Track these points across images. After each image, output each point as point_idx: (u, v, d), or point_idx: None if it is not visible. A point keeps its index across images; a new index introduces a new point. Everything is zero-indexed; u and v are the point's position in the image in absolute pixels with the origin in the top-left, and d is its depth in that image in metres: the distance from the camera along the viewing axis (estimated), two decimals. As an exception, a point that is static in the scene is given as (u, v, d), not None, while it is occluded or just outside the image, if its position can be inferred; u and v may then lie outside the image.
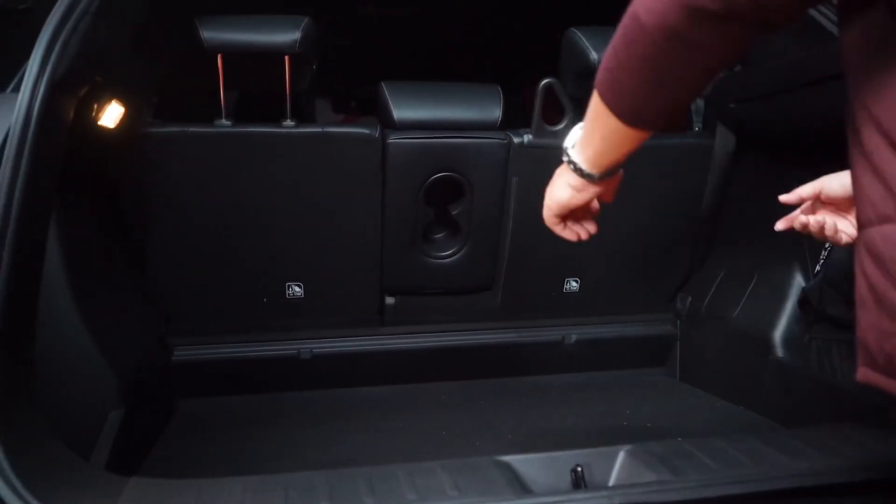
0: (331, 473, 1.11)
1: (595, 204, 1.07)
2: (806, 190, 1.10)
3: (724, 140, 2.02)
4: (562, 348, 2.10)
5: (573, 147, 0.97)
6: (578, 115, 2.00)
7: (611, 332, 2.14)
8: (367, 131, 1.91)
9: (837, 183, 1.07)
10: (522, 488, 1.09)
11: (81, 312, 1.45)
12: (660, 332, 2.16)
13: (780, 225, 1.14)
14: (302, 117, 1.91)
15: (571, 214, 1.07)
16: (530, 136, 1.93)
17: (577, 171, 0.97)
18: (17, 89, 1.21)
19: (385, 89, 1.95)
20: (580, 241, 1.13)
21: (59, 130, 1.24)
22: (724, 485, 1.05)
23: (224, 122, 1.86)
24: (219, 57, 1.81)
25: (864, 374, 0.75)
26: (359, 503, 1.03)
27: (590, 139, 0.92)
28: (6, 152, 1.12)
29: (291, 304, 2.00)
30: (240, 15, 1.83)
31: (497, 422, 1.80)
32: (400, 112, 1.90)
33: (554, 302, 2.11)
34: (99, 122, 1.51)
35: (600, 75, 0.82)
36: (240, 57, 1.82)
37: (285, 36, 1.78)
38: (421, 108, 1.92)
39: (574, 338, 2.11)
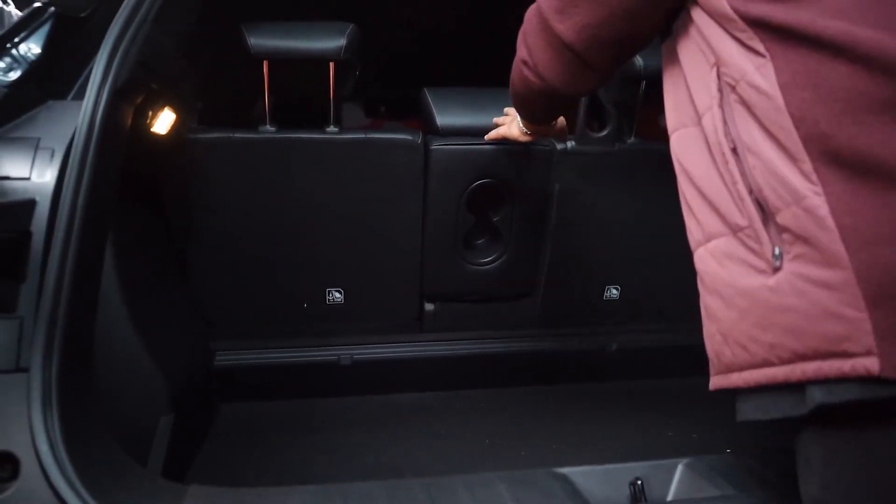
0: (389, 484, 1.11)
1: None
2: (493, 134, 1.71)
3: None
4: (602, 356, 2.09)
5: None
6: (622, 120, 1.98)
7: (652, 341, 2.12)
8: (410, 137, 1.91)
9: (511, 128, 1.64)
10: (582, 501, 1.09)
11: (132, 318, 1.46)
12: (702, 340, 2.13)
13: None
14: (333, 121, 1.92)
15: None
16: (573, 143, 1.92)
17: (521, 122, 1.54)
18: (77, 97, 1.22)
19: (428, 95, 1.95)
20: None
21: (119, 138, 1.25)
22: (792, 501, 1.04)
23: (268, 127, 1.87)
24: (265, 63, 1.82)
25: (712, 382, 0.92)
26: (421, 514, 1.03)
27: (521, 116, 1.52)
28: (71, 160, 1.12)
29: (331, 309, 2.00)
30: (284, 21, 1.84)
31: (539, 430, 1.79)
32: (443, 118, 1.90)
33: (594, 310, 2.10)
34: (152, 129, 1.53)
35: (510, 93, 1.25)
36: (283, 63, 1.83)
37: (331, 42, 1.78)
38: (464, 114, 1.92)
39: (615, 346, 2.09)
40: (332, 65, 1.84)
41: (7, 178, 1.10)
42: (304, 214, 1.91)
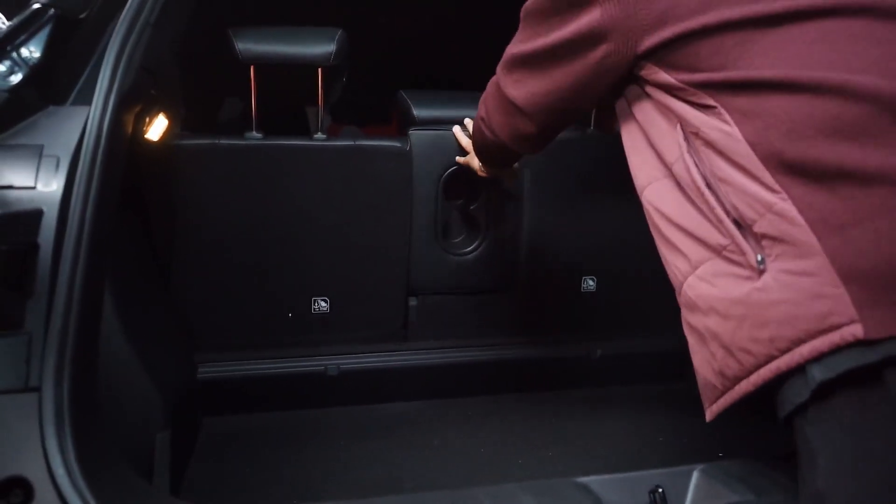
0: (416, 498, 1.09)
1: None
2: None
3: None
4: (587, 363, 2.11)
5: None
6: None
7: (633, 347, 2.15)
8: (398, 145, 1.90)
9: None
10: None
11: (125, 331, 1.41)
12: (680, 346, 2.17)
13: None
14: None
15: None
16: None
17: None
18: (77, 102, 1.17)
19: (405, 95, 2.00)
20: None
21: (122, 146, 1.20)
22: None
23: (255, 134, 1.83)
24: (252, 69, 1.79)
25: (709, 412, 1.01)
26: (450, 528, 1.02)
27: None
28: (80, 169, 1.08)
29: (317, 319, 1.97)
30: (271, 26, 1.81)
31: (532, 438, 1.79)
32: (420, 111, 1.95)
33: (573, 303, 2.12)
34: (146, 136, 1.48)
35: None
36: (269, 69, 1.80)
37: (321, 48, 1.76)
38: (439, 108, 1.97)
39: (599, 352, 2.11)
40: (320, 71, 1.82)
41: (10, 187, 1.05)
42: (289, 222, 1.88)
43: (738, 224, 0.90)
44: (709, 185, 0.92)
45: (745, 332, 0.89)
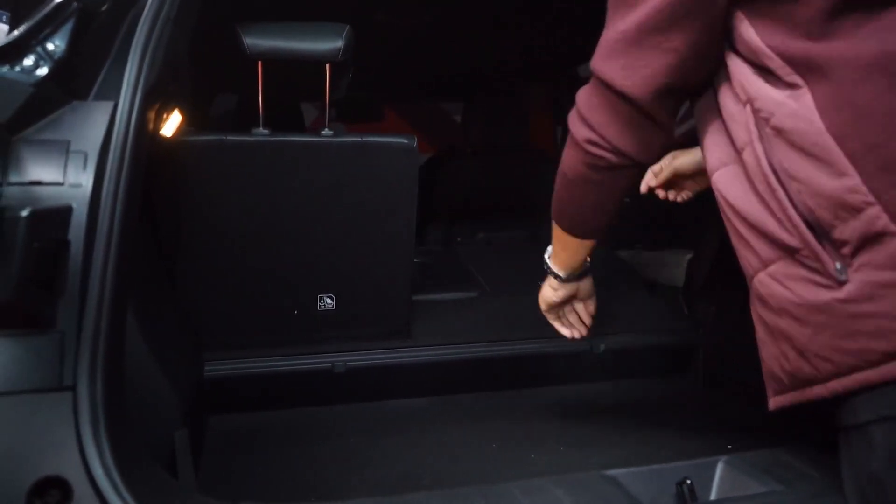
0: (448, 494, 1.10)
1: (587, 308, 1.62)
2: (663, 177, 1.47)
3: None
4: (590, 357, 2.13)
5: (549, 257, 1.46)
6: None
7: (636, 342, 2.17)
8: (405, 141, 1.90)
9: (689, 159, 1.43)
10: None
11: (142, 330, 1.40)
12: (682, 340, 2.20)
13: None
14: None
15: (561, 309, 1.60)
16: None
17: (552, 274, 1.47)
18: (99, 97, 1.16)
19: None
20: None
21: (146, 141, 1.19)
22: (836, 493, 1.08)
23: (262, 130, 1.82)
24: (259, 64, 1.77)
25: (774, 402, 0.98)
26: (487, 523, 1.02)
27: (556, 250, 1.41)
28: (109, 165, 1.07)
29: (323, 316, 1.96)
30: (278, 22, 1.80)
31: (542, 433, 1.80)
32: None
33: None
34: (160, 132, 1.46)
35: (553, 207, 1.26)
36: (275, 65, 1.79)
37: (329, 44, 1.75)
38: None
39: (602, 347, 2.13)
40: (328, 67, 1.81)
41: (39, 182, 1.03)
42: (296, 219, 1.87)
43: (812, 227, 0.82)
44: (779, 180, 0.84)
45: (825, 339, 0.84)
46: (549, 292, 1.53)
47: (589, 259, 1.51)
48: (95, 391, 0.98)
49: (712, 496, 1.19)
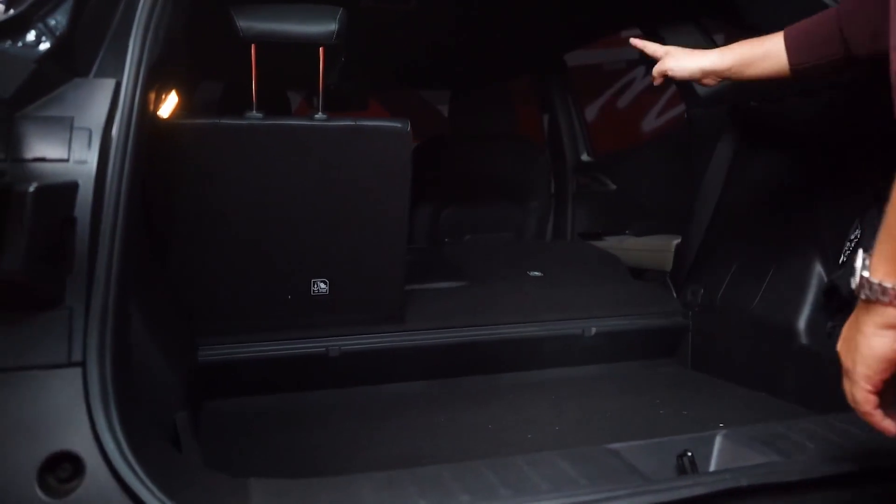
0: (457, 467, 1.11)
1: None
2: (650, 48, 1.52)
3: (730, 136, 2.12)
4: (581, 341, 2.15)
5: (870, 273, 0.75)
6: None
7: (627, 325, 2.20)
8: (398, 125, 1.90)
9: (683, 65, 1.47)
10: (640, 476, 1.12)
11: (140, 311, 1.39)
12: (670, 323, 2.24)
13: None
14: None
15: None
16: None
17: (881, 297, 0.73)
18: (100, 74, 1.15)
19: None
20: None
21: (147, 120, 1.18)
22: (834, 462, 1.11)
23: (255, 114, 1.81)
24: (252, 47, 1.76)
25: None
26: (496, 495, 1.04)
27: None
28: (115, 142, 1.06)
29: (317, 300, 1.96)
30: (272, 3, 1.79)
31: (536, 414, 1.82)
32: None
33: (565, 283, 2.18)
34: (157, 112, 1.45)
35: None
36: (268, 48, 1.78)
37: (323, 27, 1.75)
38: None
39: (593, 330, 2.15)
40: (322, 50, 1.80)
41: (43, 159, 1.02)
42: (289, 203, 1.86)
43: None
44: None
45: None
46: (886, 343, 0.76)
47: None
48: (105, 367, 0.98)
49: (712, 468, 1.21)
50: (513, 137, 3.43)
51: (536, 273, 2.53)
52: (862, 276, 0.76)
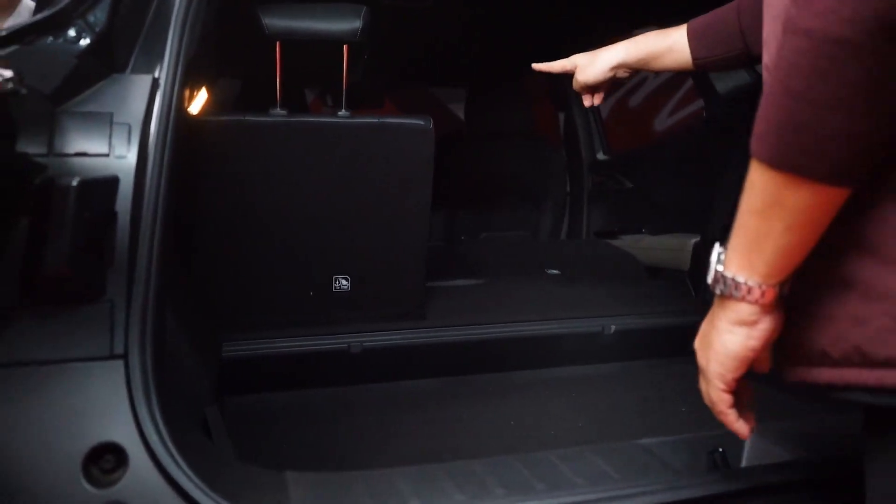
0: (489, 462, 1.12)
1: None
2: (556, 67, 1.43)
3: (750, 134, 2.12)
4: (600, 339, 2.15)
5: (722, 262, 0.73)
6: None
7: (646, 323, 2.20)
8: (422, 122, 1.91)
9: (595, 70, 1.38)
10: (671, 471, 1.13)
11: (171, 306, 1.40)
12: (689, 322, 2.23)
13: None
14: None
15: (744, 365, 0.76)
16: None
17: (736, 293, 0.71)
18: (136, 70, 1.16)
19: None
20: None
21: (183, 116, 1.20)
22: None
23: (279, 111, 1.82)
24: (277, 45, 1.78)
25: (795, 374, 0.73)
26: (531, 489, 1.04)
27: (763, 240, 0.69)
28: (153, 139, 1.07)
29: (338, 297, 1.97)
30: (298, 2, 1.80)
31: (556, 411, 1.83)
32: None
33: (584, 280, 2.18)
34: (188, 108, 1.47)
35: (773, 139, 0.64)
36: (291, 46, 1.79)
37: (347, 24, 1.76)
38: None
39: (612, 328, 2.16)
40: (346, 47, 1.81)
41: (85, 154, 1.04)
42: (312, 200, 1.88)
43: None
44: None
45: None
46: (740, 337, 0.75)
47: None
48: (146, 360, 0.99)
49: (743, 464, 1.22)
50: (528, 135, 3.43)
51: (554, 271, 2.54)
52: (716, 271, 0.74)
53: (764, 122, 0.64)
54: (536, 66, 1.58)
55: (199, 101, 1.50)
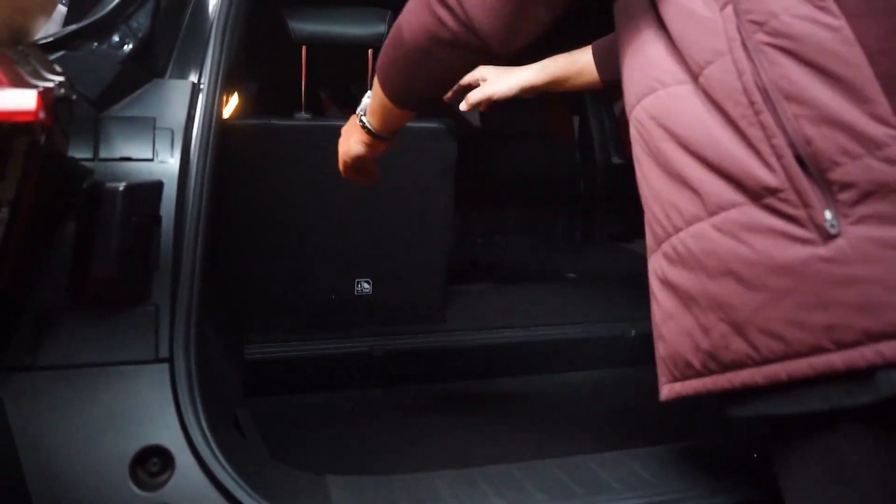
0: (527, 466, 1.12)
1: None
2: (474, 98, 1.46)
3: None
4: (623, 343, 2.16)
5: (365, 109, 1.16)
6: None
7: None
8: (444, 126, 1.91)
9: (504, 86, 1.44)
10: (713, 477, 1.13)
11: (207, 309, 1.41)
12: None
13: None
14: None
15: (360, 164, 1.27)
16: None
17: (366, 128, 1.16)
18: (175, 75, 1.17)
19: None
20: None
21: (221, 120, 1.20)
22: None
23: (303, 115, 1.84)
24: (303, 49, 1.79)
25: (670, 391, 0.83)
26: (571, 494, 1.05)
27: (374, 107, 1.11)
28: (196, 143, 1.08)
29: (360, 300, 1.98)
30: (322, 6, 1.81)
31: (583, 413, 1.83)
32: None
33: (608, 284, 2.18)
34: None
35: (378, 64, 0.99)
36: (315, 50, 1.80)
37: (372, 29, 1.77)
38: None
39: (633, 332, 2.16)
40: (370, 52, 1.82)
41: (129, 158, 1.05)
42: (335, 203, 1.88)
43: (803, 163, 0.66)
44: (767, 100, 0.67)
45: (781, 310, 0.68)
46: (361, 149, 1.20)
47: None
48: (190, 364, 1.00)
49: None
50: (542, 137, 3.44)
51: (571, 274, 2.54)
52: (362, 115, 1.16)
53: (379, 58, 0.98)
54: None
55: (230, 106, 1.51)
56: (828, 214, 0.65)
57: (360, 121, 1.16)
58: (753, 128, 0.68)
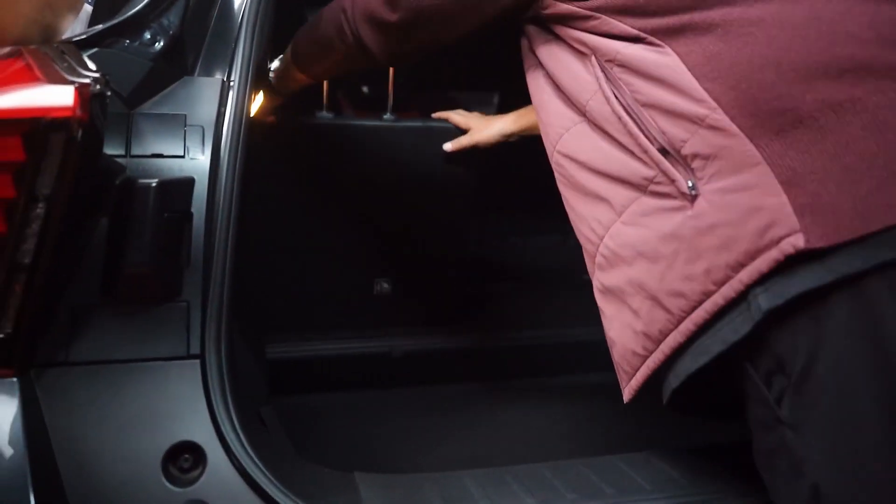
0: (556, 465, 1.12)
1: None
2: (460, 144, 1.72)
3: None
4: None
5: (275, 70, 1.42)
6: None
7: None
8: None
9: (487, 134, 1.71)
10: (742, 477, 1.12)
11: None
12: None
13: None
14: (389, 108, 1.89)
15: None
16: None
17: (272, 87, 1.45)
18: (203, 73, 1.17)
19: None
20: None
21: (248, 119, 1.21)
22: None
23: (325, 114, 1.83)
24: None
25: (630, 391, 0.96)
26: (600, 493, 1.04)
27: (282, 70, 1.39)
28: (225, 141, 1.08)
29: (379, 300, 1.98)
30: None
31: (605, 413, 1.81)
32: None
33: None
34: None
35: (298, 30, 1.22)
36: None
37: None
38: None
39: None
40: None
41: (161, 155, 1.05)
42: (355, 202, 1.88)
43: (665, 151, 0.83)
44: (630, 114, 0.86)
45: (676, 271, 0.82)
46: (289, 86, 1.47)
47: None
48: (221, 360, 1.00)
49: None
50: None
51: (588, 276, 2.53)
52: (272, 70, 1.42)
53: (298, 31, 1.21)
54: (436, 114, 1.82)
55: (255, 104, 1.51)
56: (689, 183, 0.81)
57: (269, 76, 1.44)
58: (626, 137, 0.87)
